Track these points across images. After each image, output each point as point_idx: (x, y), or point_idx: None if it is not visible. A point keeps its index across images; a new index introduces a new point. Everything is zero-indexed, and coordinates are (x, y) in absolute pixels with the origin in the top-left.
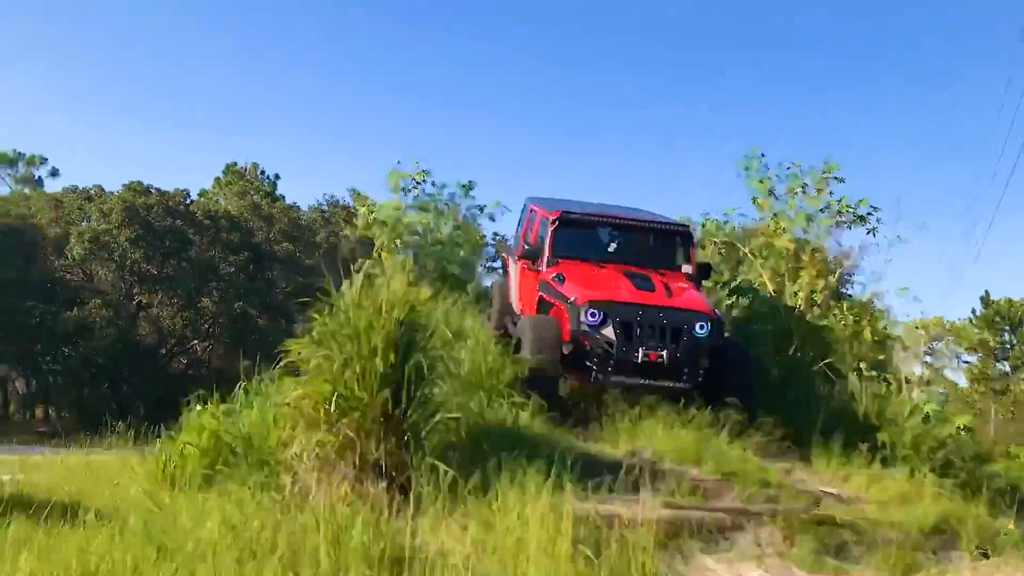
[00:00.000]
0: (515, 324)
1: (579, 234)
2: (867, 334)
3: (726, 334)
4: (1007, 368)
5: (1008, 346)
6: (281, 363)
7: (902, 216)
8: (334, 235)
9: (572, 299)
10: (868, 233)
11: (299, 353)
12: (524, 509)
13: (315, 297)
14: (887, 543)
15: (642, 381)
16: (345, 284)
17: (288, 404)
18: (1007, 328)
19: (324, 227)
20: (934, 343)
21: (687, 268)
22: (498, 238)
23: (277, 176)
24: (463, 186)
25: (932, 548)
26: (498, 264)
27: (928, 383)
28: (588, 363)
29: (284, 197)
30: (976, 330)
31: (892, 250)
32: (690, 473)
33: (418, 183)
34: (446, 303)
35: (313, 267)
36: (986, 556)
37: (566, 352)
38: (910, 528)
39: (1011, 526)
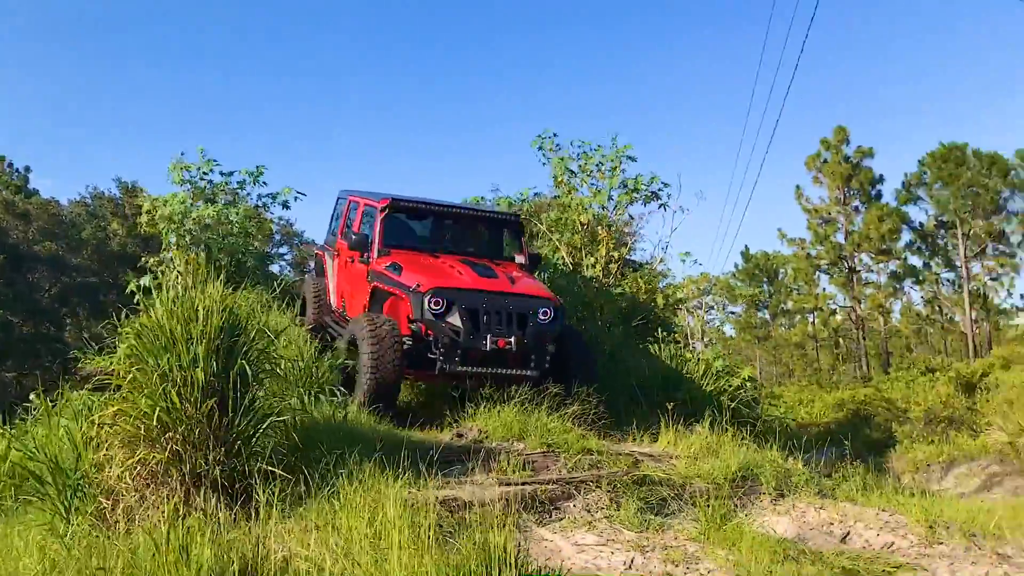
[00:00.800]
0: (336, 323)
1: (409, 223)
2: (659, 299)
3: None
4: (767, 316)
5: (767, 296)
6: (74, 377)
7: (683, 188)
8: (101, 230)
9: (414, 287)
10: (660, 207)
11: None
12: (365, 504)
13: (86, 300)
14: (701, 495)
15: (490, 370)
16: (157, 296)
17: (99, 423)
18: (765, 279)
19: (89, 222)
20: (704, 297)
21: (519, 258)
22: (287, 225)
23: (28, 169)
24: (251, 173)
25: (739, 495)
26: (288, 253)
27: (704, 336)
28: (433, 354)
29: (39, 192)
30: (739, 283)
31: (677, 219)
32: (516, 448)
33: (205, 173)
34: (250, 299)
35: (81, 266)
36: (782, 495)
37: (407, 346)
38: (718, 478)
39: (800, 466)
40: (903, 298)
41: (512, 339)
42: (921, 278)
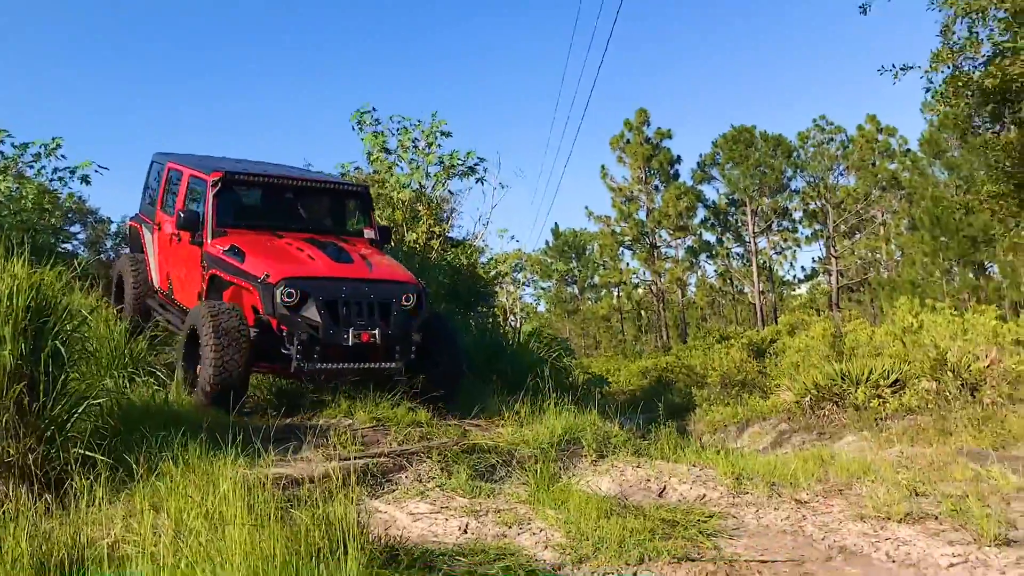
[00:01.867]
0: (163, 306)
1: (246, 198)
2: (481, 272)
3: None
4: (576, 291)
5: (575, 272)
6: None
7: (502, 166)
8: None
9: (262, 278)
10: (477, 182)
11: None
12: (195, 485)
13: None
14: (528, 459)
15: (352, 365)
16: None
17: None
18: (573, 255)
19: None
20: (515, 273)
21: (369, 233)
22: (80, 201)
23: None
24: (47, 146)
25: (563, 458)
26: (81, 232)
27: (519, 311)
28: (287, 351)
29: None
30: (549, 259)
31: (496, 195)
32: (344, 424)
33: None
34: (49, 277)
35: None
36: (603, 456)
37: (254, 337)
38: (543, 443)
39: (617, 428)
40: (698, 272)
41: (376, 331)
42: (714, 253)
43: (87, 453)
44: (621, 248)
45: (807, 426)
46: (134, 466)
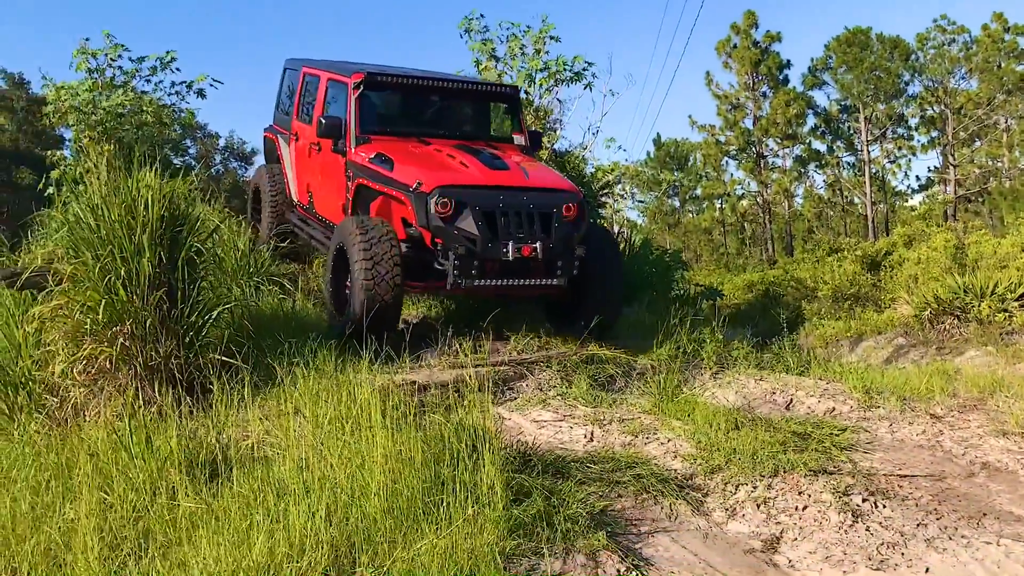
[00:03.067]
0: (304, 220)
1: (389, 103)
2: (588, 182)
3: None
4: (677, 203)
5: (678, 183)
6: None
7: (613, 71)
8: None
9: (414, 186)
10: (585, 88)
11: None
12: (329, 389)
13: None
14: (649, 371)
15: (512, 282)
16: (71, 192)
17: (40, 319)
18: (675, 166)
19: None
20: (617, 186)
21: (519, 138)
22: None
23: None
24: (162, 59)
25: (685, 369)
26: (191, 146)
27: (623, 222)
28: (441, 265)
29: None
30: (650, 170)
31: (606, 103)
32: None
33: (112, 60)
34: (181, 188)
35: None
36: (723, 369)
37: (407, 254)
38: (662, 355)
39: (737, 343)
40: (807, 182)
41: (538, 244)
42: (824, 162)
43: (224, 359)
44: (725, 158)
45: (925, 341)
46: (276, 369)
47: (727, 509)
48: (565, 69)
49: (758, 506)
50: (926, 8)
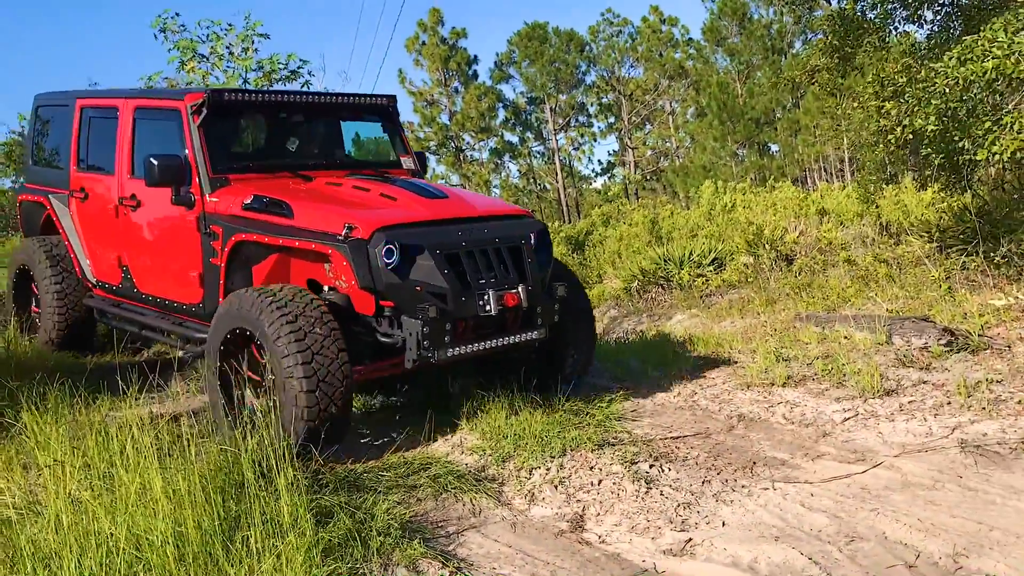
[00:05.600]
0: (119, 307)
1: (242, 130)
2: None
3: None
4: None
5: None
6: None
7: (327, 69)
8: None
9: (343, 232)
10: (303, 87)
11: None
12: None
13: None
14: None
15: (493, 343)
16: None
17: None
18: None
19: None
20: None
21: (407, 162)
22: None
23: None
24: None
25: None
26: None
27: None
28: (389, 337)
29: None
30: None
31: None
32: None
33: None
34: None
35: None
36: None
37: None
38: None
39: None
40: (503, 172)
41: (520, 290)
42: (517, 153)
43: None
44: (427, 154)
45: (636, 310)
46: None
47: (526, 495)
48: (280, 67)
49: (555, 487)
50: (596, 2)
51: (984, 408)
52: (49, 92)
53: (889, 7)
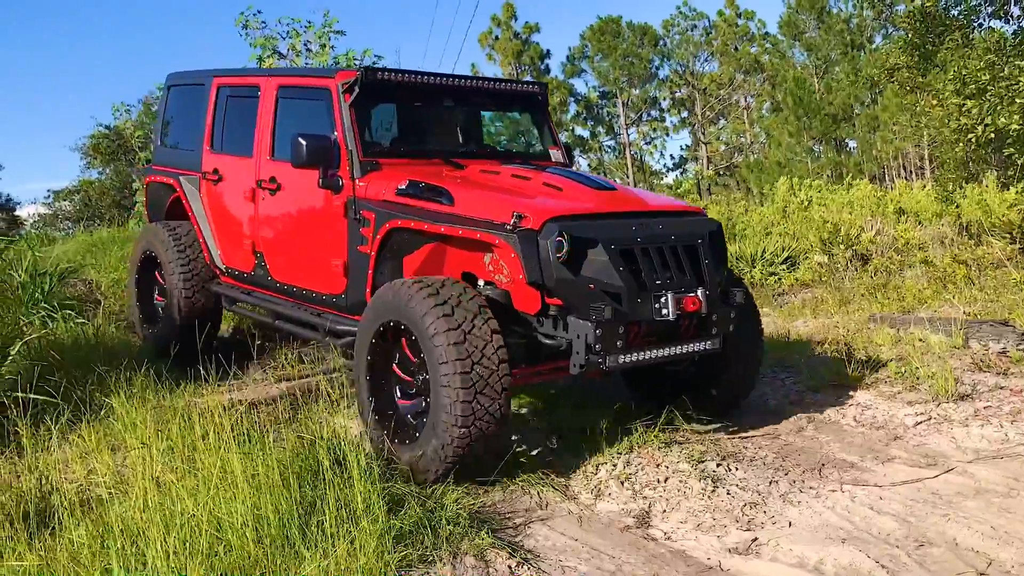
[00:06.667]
0: (246, 292)
1: (395, 113)
2: None
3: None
4: None
5: None
6: None
7: (402, 64)
8: None
9: (511, 221)
10: None
11: None
12: (147, 417)
13: None
14: None
15: (666, 352)
16: None
17: None
18: None
19: None
20: None
21: (556, 154)
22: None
23: None
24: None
25: None
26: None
27: None
28: (551, 339)
29: None
30: None
31: None
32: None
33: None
34: None
35: None
36: None
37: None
38: None
39: None
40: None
41: (699, 293)
42: (588, 147)
43: (33, 396)
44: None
45: None
46: (91, 400)
47: (592, 490)
48: (355, 63)
49: (622, 483)
50: None
51: None
52: (182, 71)
53: (974, 3)
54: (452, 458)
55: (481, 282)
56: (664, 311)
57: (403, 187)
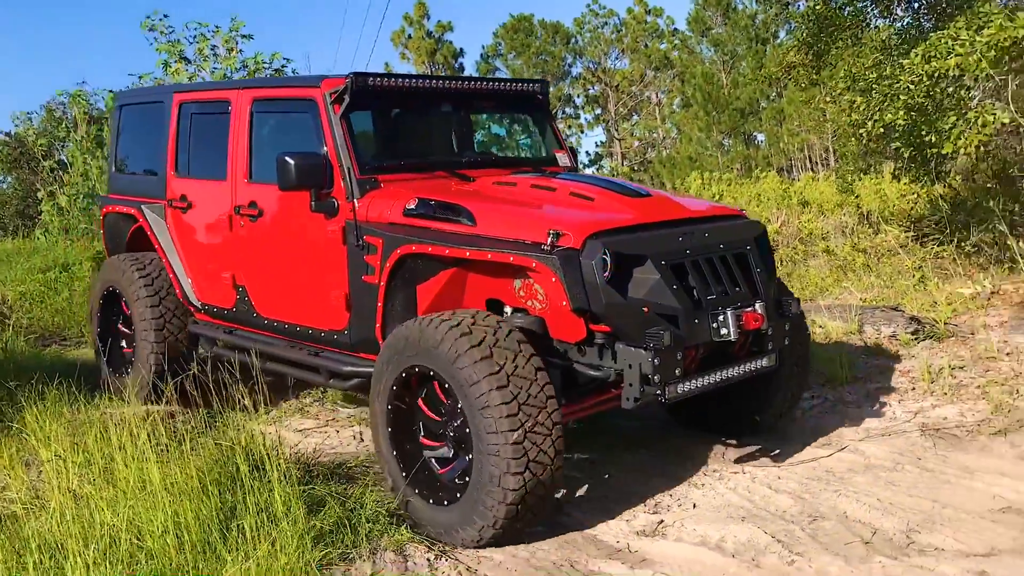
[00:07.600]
0: (228, 330)
1: (389, 122)
2: None
3: None
4: None
5: None
6: None
7: (312, 68)
8: None
9: (547, 240)
10: None
11: None
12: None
13: None
14: None
15: (724, 375)
16: None
17: None
18: None
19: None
20: None
21: (562, 157)
22: None
23: None
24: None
25: None
26: None
27: None
28: (598, 370)
29: None
30: None
31: None
32: None
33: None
34: None
35: None
36: None
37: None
38: None
39: None
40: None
41: (758, 307)
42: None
43: None
44: None
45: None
46: None
47: None
48: (265, 67)
49: None
50: None
51: (946, 393)
52: (134, 89)
53: (861, 4)
54: (506, 517)
55: (508, 309)
56: (723, 331)
57: (412, 207)
